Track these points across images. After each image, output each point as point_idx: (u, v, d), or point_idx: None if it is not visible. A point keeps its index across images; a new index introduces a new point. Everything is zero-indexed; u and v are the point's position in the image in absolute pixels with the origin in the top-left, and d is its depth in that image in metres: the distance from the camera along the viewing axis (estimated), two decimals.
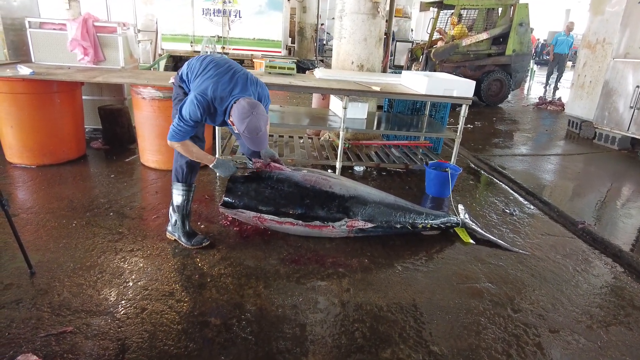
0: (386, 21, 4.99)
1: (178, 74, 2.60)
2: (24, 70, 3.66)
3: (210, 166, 2.59)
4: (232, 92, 2.33)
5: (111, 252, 2.58)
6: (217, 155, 3.87)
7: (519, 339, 2.11)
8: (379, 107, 5.46)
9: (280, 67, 4.26)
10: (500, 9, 8.71)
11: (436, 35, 9.24)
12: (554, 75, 11.83)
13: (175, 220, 2.70)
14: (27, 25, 4.35)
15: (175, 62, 9.72)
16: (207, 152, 2.71)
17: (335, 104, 4.50)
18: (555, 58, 11.38)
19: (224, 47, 9.79)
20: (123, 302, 2.13)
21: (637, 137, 5.65)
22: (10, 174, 3.63)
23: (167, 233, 2.77)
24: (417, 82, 3.96)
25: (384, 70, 5.25)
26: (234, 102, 2.32)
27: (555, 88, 11.79)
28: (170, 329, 1.98)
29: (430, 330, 2.11)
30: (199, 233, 2.76)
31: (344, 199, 2.80)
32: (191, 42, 9.78)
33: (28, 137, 3.72)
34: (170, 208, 2.72)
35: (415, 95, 3.92)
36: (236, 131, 2.35)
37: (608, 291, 2.63)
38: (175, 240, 2.73)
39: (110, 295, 2.18)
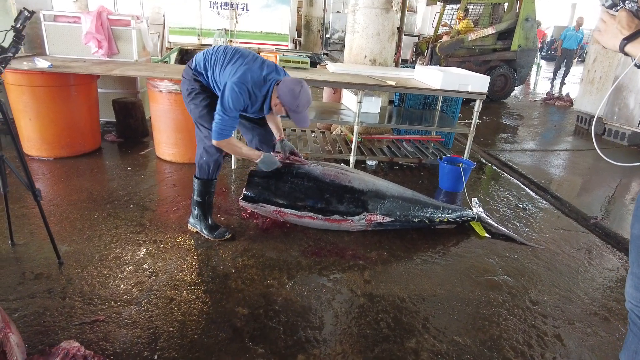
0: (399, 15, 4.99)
1: (190, 66, 2.53)
2: (41, 63, 3.69)
3: (257, 162, 2.62)
4: (267, 76, 2.36)
5: (135, 243, 2.63)
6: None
7: (539, 330, 2.16)
8: (390, 102, 5.47)
9: (294, 61, 4.28)
10: (506, 4, 8.68)
11: (442, 30, 9.22)
12: (561, 71, 11.79)
13: (197, 213, 2.74)
14: (41, 18, 4.37)
15: (182, 55, 9.71)
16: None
17: (349, 98, 4.52)
18: (563, 53, 11.34)
19: (231, 41, 9.76)
20: (151, 292, 2.18)
21: None
22: (29, 166, 3.66)
23: (189, 225, 2.81)
24: (431, 77, 3.98)
25: (395, 65, 5.25)
26: (276, 84, 2.37)
27: (562, 83, 11.76)
28: (199, 318, 2.03)
29: (453, 321, 2.16)
30: (220, 226, 2.80)
31: (363, 194, 2.83)
32: (198, 36, 9.75)
33: (46, 130, 3.75)
34: (193, 201, 2.75)
35: (430, 90, 3.93)
36: (282, 113, 2.42)
37: (623, 285, 2.66)
38: (197, 232, 2.77)
39: (138, 285, 2.23)
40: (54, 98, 3.69)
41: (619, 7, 1.24)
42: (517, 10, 8.44)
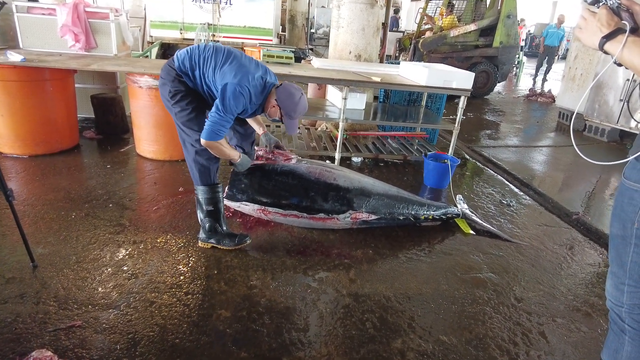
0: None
1: (172, 66, 2.34)
2: (14, 57, 3.54)
3: (235, 162, 2.53)
4: (263, 78, 2.32)
5: (113, 244, 2.54)
6: None
7: (524, 327, 2.16)
8: (375, 98, 5.45)
9: (278, 56, 4.21)
10: (488, 1, 8.73)
11: (425, 27, 9.23)
12: (543, 67, 11.96)
13: (210, 226, 2.53)
14: (13, 10, 4.20)
15: (164, 49, 9.50)
16: None
17: (334, 94, 4.48)
18: (545, 50, 11.50)
19: (214, 35, 9.59)
20: (130, 295, 2.11)
21: (626, 129, 5.77)
22: (2, 164, 3.53)
23: (201, 242, 2.58)
24: (416, 73, 3.96)
25: (380, 61, 5.23)
26: (275, 88, 2.34)
27: (544, 80, 11.94)
28: (180, 322, 1.97)
29: (438, 320, 2.15)
30: (236, 233, 2.63)
31: (348, 191, 2.80)
32: (180, 30, 9.55)
33: (19, 126, 3.61)
34: (200, 214, 2.54)
35: (415, 87, 3.92)
36: (275, 116, 2.38)
37: (604, 280, 2.70)
38: (212, 247, 2.56)
39: (117, 288, 2.15)
40: (27, 93, 3.54)
41: (600, 4, 1.22)
42: (498, 7, 8.50)
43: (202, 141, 2.27)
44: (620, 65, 1.21)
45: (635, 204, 1.27)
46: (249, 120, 2.70)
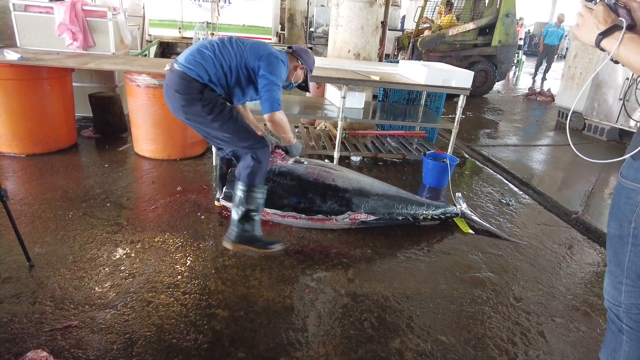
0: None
1: (189, 78, 2.21)
2: (11, 55, 3.52)
3: (291, 144, 2.59)
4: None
5: (111, 244, 2.53)
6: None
7: (522, 327, 2.15)
8: (374, 97, 5.44)
9: None
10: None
11: (423, 25, 9.21)
12: (543, 66, 11.95)
13: (254, 228, 2.39)
14: (11, 8, 4.18)
15: (163, 48, 9.47)
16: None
17: (332, 93, 4.46)
18: (545, 49, 11.48)
19: (212, 34, 9.57)
20: (127, 295, 2.10)
21: (625, 128, 5.76)
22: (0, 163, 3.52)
23: (234, 245, 2.38)
24: (415, 72, 3.95)
25: (379, 60, 5.21)
26: (289, 51, 2.50)
27: (544, 79, 11.93)
28: (177, 322, 1.96)
29: (437, 319, 2.14)
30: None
31: (347, 192, 2.79)
32: (179, 28, 9.53)
33: (17, 125, 3.59)
34: (250, 216, 2.36)
35: (414, 85, 3.90)
36: (300, 79, 2.54)
37: (603, 280, 2.69)
38: (248, 249, 2.43)
39: (114, 288, 2.14)
40: (25, 92, 3.53)
41: (598, 0, 1.21)
42: (497, 6, 8.48)
43: (266, 117, 2.25)
44: (617, 62, 1.20)
45: (632, 203, 1.26)
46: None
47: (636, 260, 1.31)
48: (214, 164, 3.88)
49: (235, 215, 2.37)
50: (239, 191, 2.35)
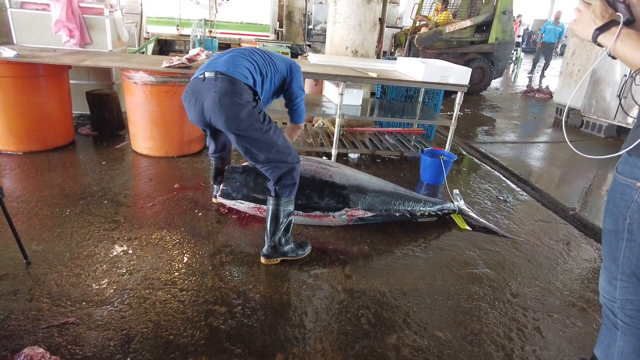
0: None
1: (247, 83, 2.14)
2: (7, 52, 3.50)
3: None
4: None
5: (108, 241, 2.53)
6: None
7: (519, 323, 2.16)
8: (372, 94, 5.43)
9: None
10: None
11: (421, 22, 9.19)
12: (541, 63, 11.95)
13: (287, 238, 2.40)
14: (7, 4, 4.16)
15: (161, 46, 9.45)
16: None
17: (330, 90, 4.45)
18: (543, 46, 11.49)
19: (210, 31, 9.54)
20: (124, 291, 2.10)
21: (623, 125, 5.77)
22: None
23: (266, 260, 2.39)
24: (413, 69, 3.94)
25: (377, 56, 5.20)
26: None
27: (542, 76, 11.93)
28: (174, 318, 1.96)
29: (434, 315, 2.14)
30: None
31: (344, 189, 2.79)
32: (177, 26, 9.51)
33: (13, 123, 3.58)
34: (282, 229, 2.35)
35: (412, 82, 3.90)
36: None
37: (599, 276, 2.71)
38: (280, 260, 2.43)
39: (111, 285, 2.14)
40: (21, 89, 3.51)
41: None
42: (494, 3, 8.46)
43: (302, 125, 2.65)
44: (614, 58, 1.20)
45: (628, 199, 1.27)
46: None
47: (631, 256, 1.31)
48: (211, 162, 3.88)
49: (272, 230, 2.33)
50: (277, 205, 2.29)
